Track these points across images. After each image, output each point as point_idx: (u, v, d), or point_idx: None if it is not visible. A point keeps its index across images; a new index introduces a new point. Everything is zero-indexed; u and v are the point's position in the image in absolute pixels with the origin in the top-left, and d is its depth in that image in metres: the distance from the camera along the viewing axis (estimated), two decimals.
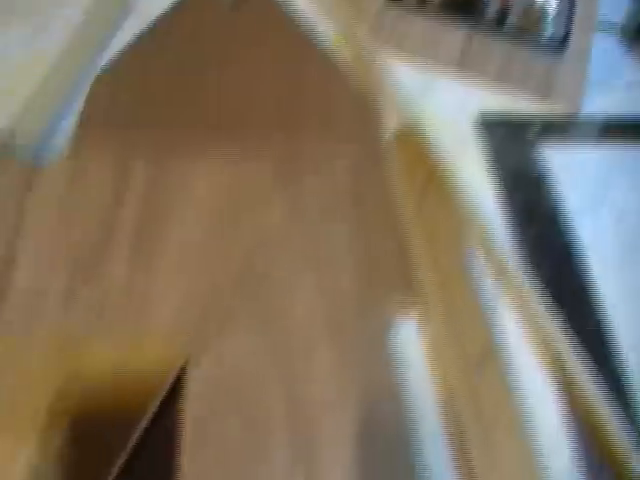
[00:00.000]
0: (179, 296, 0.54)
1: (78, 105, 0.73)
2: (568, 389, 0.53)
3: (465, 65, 0.83)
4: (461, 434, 0.51)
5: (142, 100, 0.74)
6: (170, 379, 0.48)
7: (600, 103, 0.78)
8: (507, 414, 0.51)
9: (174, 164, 0.64)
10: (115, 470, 0.45)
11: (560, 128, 0.76)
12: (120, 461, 0.45)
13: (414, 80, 0.78)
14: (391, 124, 0.73)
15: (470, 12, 0.85)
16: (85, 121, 0.71)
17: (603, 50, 0.83)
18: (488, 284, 0.60)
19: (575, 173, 0.70)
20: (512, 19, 0.85)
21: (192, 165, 0.64)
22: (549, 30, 0.83)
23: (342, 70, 0.78)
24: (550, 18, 0.84)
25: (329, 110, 0.73)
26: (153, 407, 0.47)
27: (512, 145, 0.73)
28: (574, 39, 0.82)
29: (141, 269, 0.54)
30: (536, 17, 0.84)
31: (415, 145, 0.70)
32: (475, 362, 0.54)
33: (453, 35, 0.86)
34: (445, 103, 0.77)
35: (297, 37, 0.82)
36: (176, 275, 0.55)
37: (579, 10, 0.85)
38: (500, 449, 0.49)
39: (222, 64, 0.78)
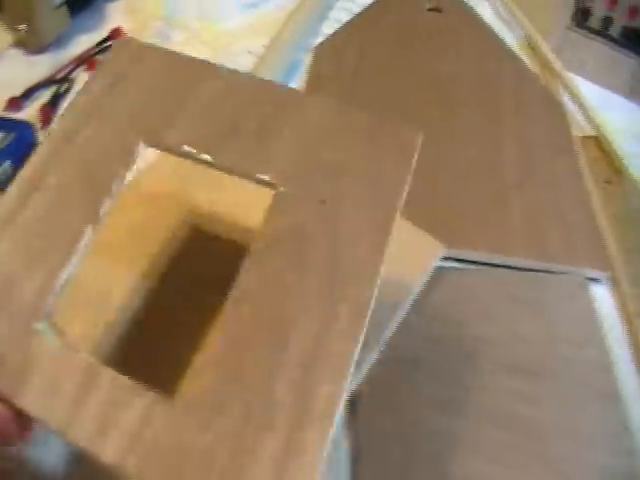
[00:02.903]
0: None
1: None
2: None
3: (635, 92, 0.92)
4: None
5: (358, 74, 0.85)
6: None
7: None
8: None
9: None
10: None
11: None
12: None
13: (593, 94, 0.88)
14: (576, 127, 0.83)
15: None
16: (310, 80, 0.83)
17: None
18: None
19: None
20: None
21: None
22: None
23: (532, 74, 0.88)
24: None
25: (522, 108, 0.83)
26: None
27: None
28: None
29: None
30: None
31: (598, 146, 0.80)
32: None
33: (627, 63, 0.96)
34: (620, 116, 0.86)
35: (489, 39, 0.93)
36: None
37: None
38: None
39: (425, 58, 0.89)
